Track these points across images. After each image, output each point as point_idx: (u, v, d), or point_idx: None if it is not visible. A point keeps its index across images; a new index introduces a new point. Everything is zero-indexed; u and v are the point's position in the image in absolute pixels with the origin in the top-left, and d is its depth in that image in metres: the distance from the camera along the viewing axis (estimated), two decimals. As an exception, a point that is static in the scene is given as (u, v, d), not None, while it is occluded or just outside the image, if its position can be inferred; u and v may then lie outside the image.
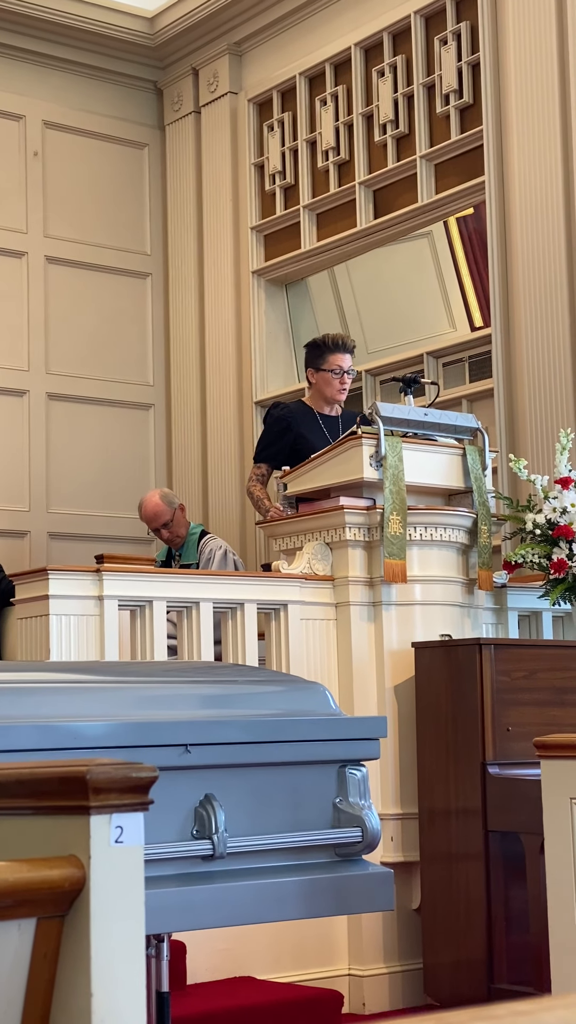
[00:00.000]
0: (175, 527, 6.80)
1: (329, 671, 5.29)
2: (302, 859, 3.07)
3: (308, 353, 6.33)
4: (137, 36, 8.61)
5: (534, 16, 6.66)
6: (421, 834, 5.09)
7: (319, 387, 6.25)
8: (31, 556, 8.08)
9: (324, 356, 6.21)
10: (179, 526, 6.82)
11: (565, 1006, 0.83)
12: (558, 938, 3.42)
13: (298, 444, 6.16)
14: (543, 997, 0.87)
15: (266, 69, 8.29)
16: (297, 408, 6.34)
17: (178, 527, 6.81)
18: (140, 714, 3.00)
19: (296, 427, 6.22)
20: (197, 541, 6.79)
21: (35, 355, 8.29)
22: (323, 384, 6.22)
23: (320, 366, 6.22)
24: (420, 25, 7.39)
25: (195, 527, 6.92)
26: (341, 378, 6.20)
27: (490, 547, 5.46)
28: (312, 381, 6.31)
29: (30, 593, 4.91)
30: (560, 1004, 0.83)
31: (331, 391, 6.21)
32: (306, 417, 6.26)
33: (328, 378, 6.19)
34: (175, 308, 8.71)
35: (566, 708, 5.05)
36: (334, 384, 6.19)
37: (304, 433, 6.19)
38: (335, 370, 6.18)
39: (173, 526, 6.79)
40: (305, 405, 6.34)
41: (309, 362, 6.30)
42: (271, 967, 4.98)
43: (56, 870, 1.78)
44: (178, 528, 6.81)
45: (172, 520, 6.79)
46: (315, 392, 6.31)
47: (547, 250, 6.51)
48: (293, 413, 6.28)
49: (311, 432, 6.19)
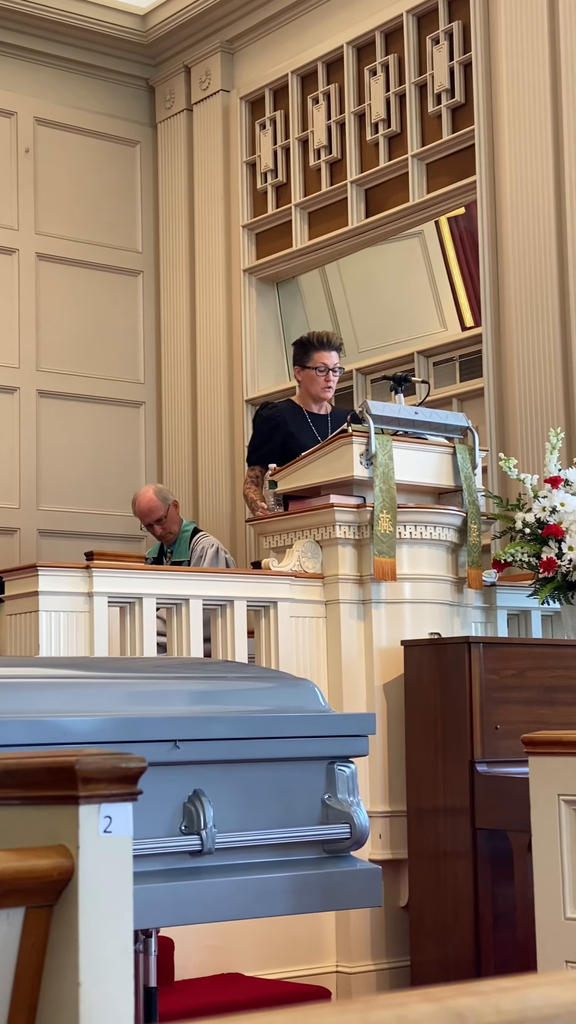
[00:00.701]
0: (168, 523, 6.80)
1: (318, 669, 5.30)
2: (290, 855, 3.07)
3: (295, 351, 6.34)
4: (129, 33, 8.61)
5: (526, 16, 6.67)
6: (409, 831, 5.10)
7: (305, 385, 6.26)
8: (21, 553, 8.08)
9: (309, 354, 6.21)
10: (172, 522, 6.82)
11: (550, 983, 0.83)
12: (545, 935, 3.42)
13: (288, 443, 6.16)
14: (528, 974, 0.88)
15: (258, 67, 8.29)
16: (286, 407, 6.34)
17: (171, 523, 6.82)
18: (129, 710, 3.00)
19: (285, 426, 6.21)
20: (189, 539, 6.80)
21: (26, 352, 8.28)
22: (309, 382, 6.22)
23: (306, 364, 6.22)
24: (412, 24, 7.40)
25: (187, 524, 6.93)
26: (326, 376, 6.19)
27: (480, 546, 5.47)
28: (299, 379, 6.32)
29: (20, 589, 4.90)
30: (545, 980, 0.84)
31: (316, 388, 6.21)
32: (295, 416, 6.26)
33: (313, 376, 6.19)
34: (166, 306, 8.71)
35: (554, 707, 5.06)
36: (319, 382, 6.19)
37: (293, 432, 6.19)
38: (320, 368, 6.18)
39: (166, 522, 6.80)
40: (294, 404, 6.34)
41: (296, 360, 6.31)
42: (259, 964, 4.98)
43: (45, 859, 1.78)
44: (171, 524, 6.82)
45: (166, 516, 6.79)
46: (303, 391, 6.31)
47: (538, 250, 6.52)
48: (282, 413, 6.28)
49: (300, 431, 6.19)
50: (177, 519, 6.87)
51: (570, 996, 0.84)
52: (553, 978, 0.85)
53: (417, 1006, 0.82)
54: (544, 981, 0.85)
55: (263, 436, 6.28)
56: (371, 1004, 0.82)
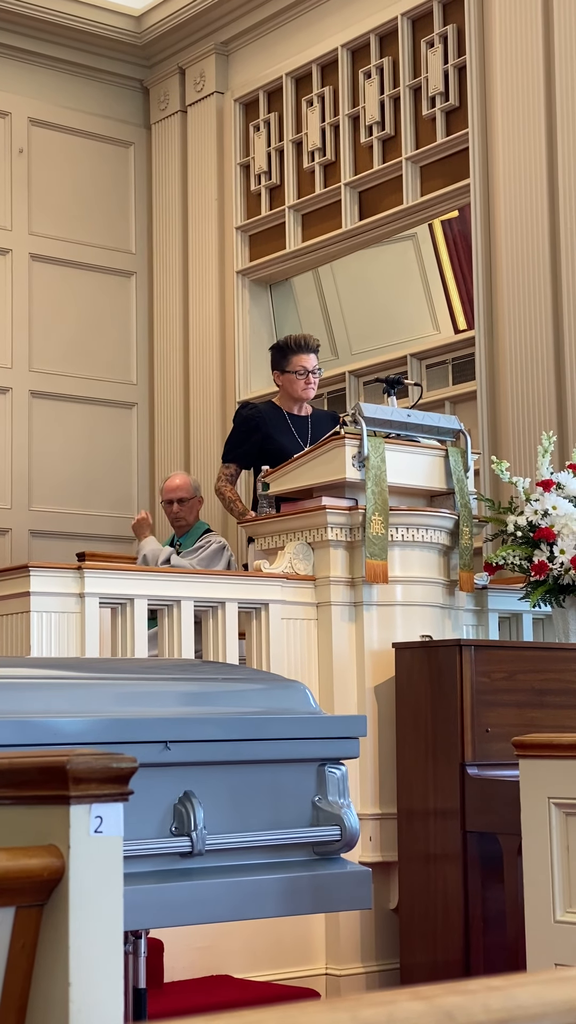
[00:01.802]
0: (187, 509, 6.85)
1: (309, 671, 5.30)
2: (280, 857, 3.07)
3: (273, 356, 6.33)
4: (124, 35, 8.61)
5: (520, 20, 6.68)
6: (399, 834, 5.10)
7: (285, 388, 6.25)
8: (12, 553, 8.07)
9: (288, 358, 6.20)
10: (190, 511, 6.87)
11: (538, 982, 0.84)
12: (534, 938, 3.42)
13: (266, 444, 6.16)
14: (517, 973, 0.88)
15: (253, 69, 8.30)
16: (266, 408, 6.34)
17: (189, 511, 6.87)
18: (120, 711, 3.00)
19: (264, 427, 6.22)
20: (199, 535, 6.81)
21: (18, 352, 8.28)
22: (289, 385, 6.22)
23: (285, 368, 6.22)
24: (407, 27, 7.41)
25: (202, 523, 6.96)
26: (306, 378, 6.19)
27: (471, 549, 5.47)
28: (279, 383, 6.31)
29: (11, 590, 4.90)
30: (533, 980, 0.85)
31: (297, 391, 6.21)
32: (275, 418, 6.26)
33: (293, 379, 6.19)
34: (159, 307, 8.71)
35: (545, 709, 5.06)
36: (299, 384, 6.19)
37: (272, 434, 6.19)
38: (299, 371, 6.18)
39: (186, 507, 6.85)
40: (275, 405, 6.34)
41: (274, 365, 6.31)
42: (248, 966, 4.98)
43: (35, 859, 1.78)
44: (188, 512, 6.86)
45: (188, 501, 6.84)
46: (283, 393, 6.31)
47: (531, 253, 6.53)
48: (262, 413, 6.28)
49: (280, 433, 6.19)
50: (196, 513, 6.92)
51: (558, 995, 0.85)
52: (541, 977, 0.86)
53: (406, 1004, 0.83)
54: (532, 980, 0.86)
55: (241, 435, 6.30)
56: (361, 1002, 0.83)
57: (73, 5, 8.39)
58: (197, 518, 6.92)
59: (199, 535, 6.81)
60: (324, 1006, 0.85)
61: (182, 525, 6.87)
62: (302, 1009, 0.84)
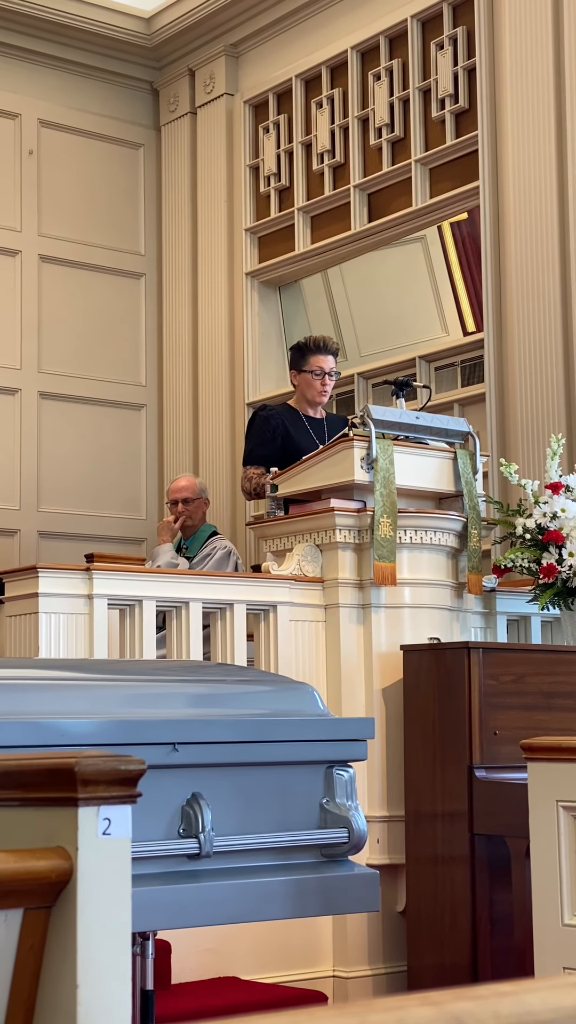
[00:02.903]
0: (192, 510, 6.80)
1: (317, 673, 5.30)
2: (288, 859, 3.07)
3: (291, 355, 6.35)
4: (134, 36, 8.62)
5: (530, 22, 6.67)
6: (407, 836, 5.09)
7: (301, 389, 6.26)
8: (21, 555, 8.08)
9: (306, 358, 6.21)
10: (196, 512, 6.82)
11: (548, 987, 0.84)
12: (542, 941, 3.42)
13: (287, 445, 6.16)
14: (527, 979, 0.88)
15: (262, 71, 8.30)
16: (283, 410, 6.33)
17: (195, 512, 6.82)
18: (128, 712, 3.00)
19: (284, 428, 6.21)
20: (205, 538, 6.79)
21: (27, 354, 8.29)
22: (305, 386, 6.23)
23: (302, 368, 6.22)
24: (417, 29, 7.41)
25: (209, 526, 6.92)
26: (322, 379, 6.20)
27: (480, 551, 5.47)
28: (295, 383, 6.32)
29: (20, 591, 4.90)
30: (543, 985, 0.84)
31: (312, 393, 6.22)
32: (293, 419, 6.26)
33: (309, 380, 6.20)
34: (168, 309, 8.71)
35: (553, 712, 5.05)
36: (315, 385, 6.20)
37: (292, 435, 6.19)
38: (316, 371, 6.18)
39: (192, 507, 6.80)
40: (290, 407, 6.34)
41: (292, 364, 6.32)
42: (256, 968, 4.98)
43: (43, 861, 1.78)
44: (194, 513, 6.81)
45: (194, 502, 6.80)
46: (298, 394, 6.31)
47: (540, 256, 6.53)
48: (280, 415, 6.28)
49: (299, 434, 6.20)
50: (201, 515, 6.87)
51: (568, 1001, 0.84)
52: (551, 983, 0.86)
53: (416, 1010, 0.83)
54: (542, 986, 0.85)
55: (263, 437, 6.25)
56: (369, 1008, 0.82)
57: (83, 7, 8.39)
58: (204, 520, 6.91)
59: (205, 538, 6.79)
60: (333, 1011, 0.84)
61: (188, 526, 6.85)
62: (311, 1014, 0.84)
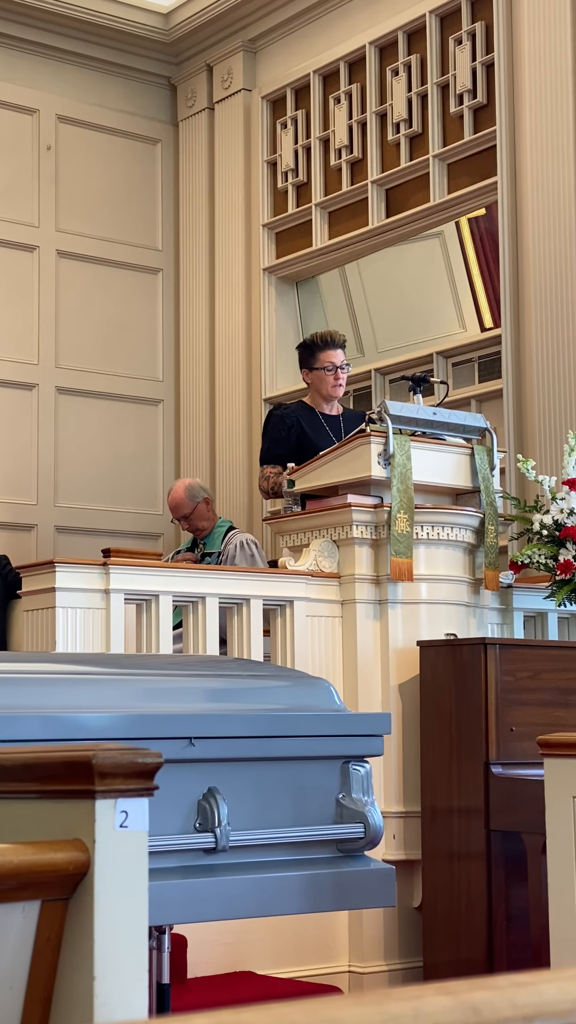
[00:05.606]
0: (195, 519, 6.66)
1: (334, 668, 5.30)
2: (304, 854, 3.07)
3: (300, 355, 6.31)
4: (152, 32, 8.62)
5: (549, 17, 6.66)
6: (423, 832, 5.10)
7: (315, 386, 6.22)
8: (38, 549, 8.09)
9: (315, 355, 6.19)
10: (200, 519, 6.67)
11: (566, 978, 0.84)
12: (558, 937, 3.42)
13: (303, 444, 6.14)
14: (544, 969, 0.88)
15: (280, 66, 8.30)
16: (299, 408, 6.31)
17: (199, 520, 6.66)
18: (145, 706, 3.01)
19: (300, 427, 6.19)
20: (223, 535, 6.67)
21: (45, 349, 8.30)
22: (318, 383, 6.19)
23: (313, 366, 6.20)
24: (435, 25, 7.40)
25: (224, 521, 6.79)
26: (335, 374, 6.17)
27: (497, 547, 5.46)
28: (308, 382, 6.28)
29: (37, 585, 4.92)
30: (561, 976, 0.84)
31: (327, 388, 6.18)
32: (309, 417, 6.24)
33: (322, 376, 6.17)
34: (185, 304, 8.72)
35: (570, 708, 5.05)
36: (329, 381, 6.17)
37: (308, 433, 6.17)
38: (328, 367, 6.15)
39: (193, 518, 6.66)
40: (306, 405, 6.32)
41: (302, 363, 6.28)
42: (271, 962, 4.99)
43: (61, 853, 1.79)
44: (199, 521, 6.66)
45: (192, 513, 6.65)
46: (313, 392, 6.28)
47: (558, 251, 6.51)
48: (295, 413, 6.25)
49: (315, 432, 6.18)
50: (207, 516, 6.70)
51: (587, 992, 0.85)
52: (569, 973, 0.86)
53: (433, 999, 0.83)
54: (560, 976, 0.86)
55: (279, 436, 6.22)
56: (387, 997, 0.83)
57: (101, 2, 8.40)
58: (214, 518, 6.76)
59: (223, 534, 6.69)
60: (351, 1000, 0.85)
61: (201, 528, 6.73)
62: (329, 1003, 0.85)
